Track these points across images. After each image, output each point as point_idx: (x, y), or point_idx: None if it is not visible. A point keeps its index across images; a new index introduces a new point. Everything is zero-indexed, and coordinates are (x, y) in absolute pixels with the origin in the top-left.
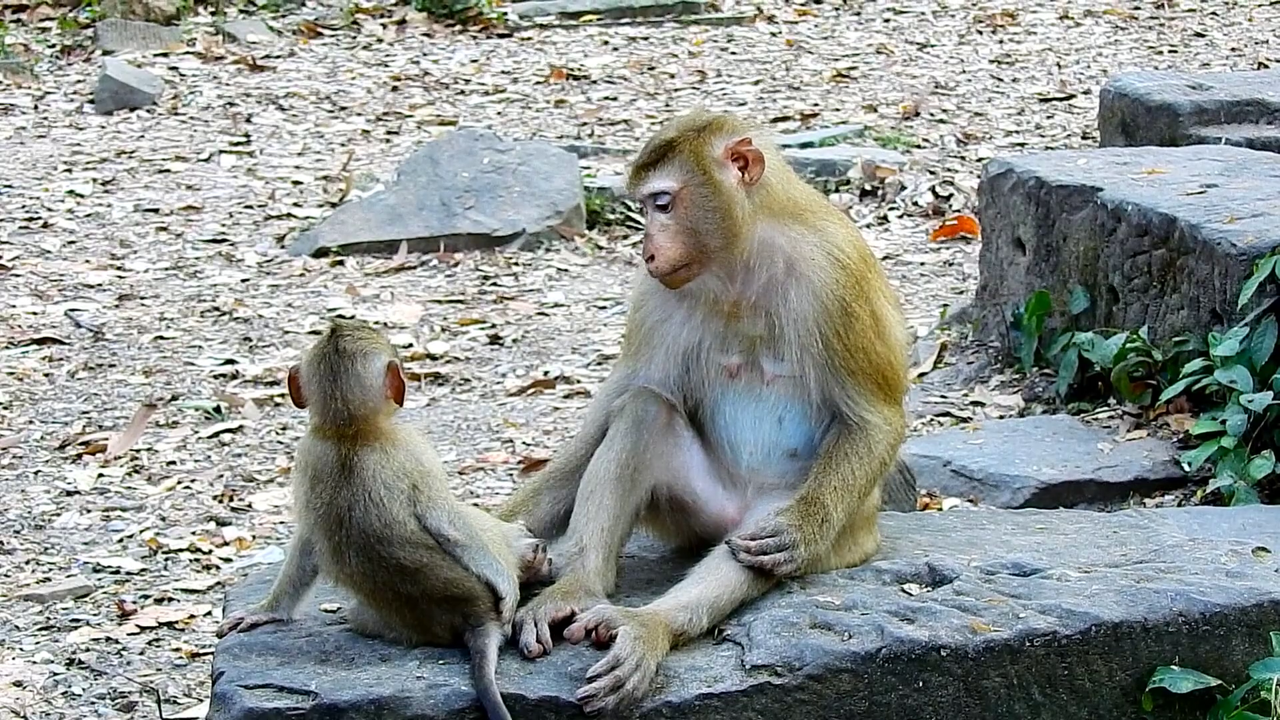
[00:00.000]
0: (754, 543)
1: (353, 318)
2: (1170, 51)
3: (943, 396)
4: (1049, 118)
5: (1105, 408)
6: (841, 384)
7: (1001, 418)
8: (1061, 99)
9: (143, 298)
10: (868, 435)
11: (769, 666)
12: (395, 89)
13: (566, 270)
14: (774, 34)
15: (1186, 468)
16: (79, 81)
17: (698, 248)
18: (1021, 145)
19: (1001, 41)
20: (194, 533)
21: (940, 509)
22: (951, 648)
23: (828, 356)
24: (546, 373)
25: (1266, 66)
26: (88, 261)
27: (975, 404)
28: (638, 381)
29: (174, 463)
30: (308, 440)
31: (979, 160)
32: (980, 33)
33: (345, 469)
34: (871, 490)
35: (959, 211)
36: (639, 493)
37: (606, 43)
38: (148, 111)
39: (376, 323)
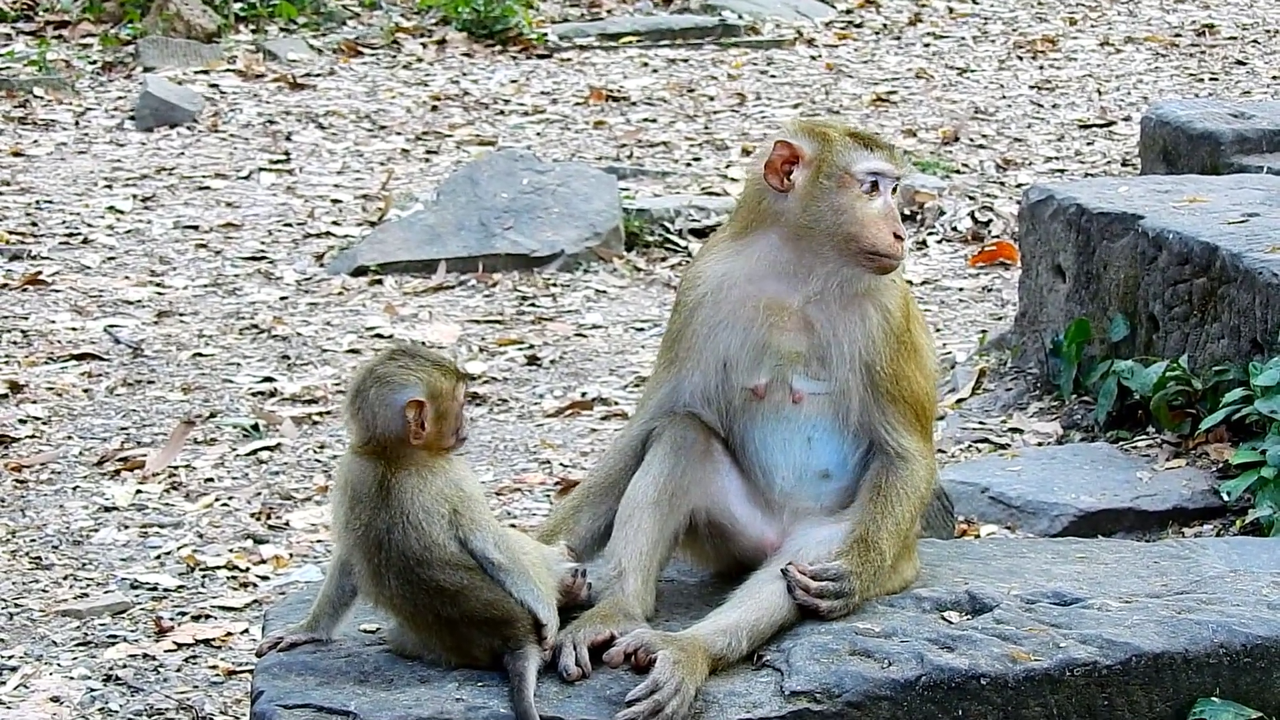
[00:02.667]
0: (815, 583)
1: (421, 343)
2: (1211, 79)
3: (981, 423)
4: (1089, 144)
5: (1144, 436)
6: (883, 410)
7: (1040, 445)
8: (1101, 126)
9: (182, 314)
10: (912, 470)
11: (808, 693)
12: (435, 108)
13: (605, 292)
14: (814, 57)
15: (1225, 497)
16: (120, 98)
17: None
18: (1061, 171)
19: (1042, 67)
20: (231, 550)
21: (978, 536)
22: (991, 676)
23: (874, 380)
24: (584, 394)
25: None
26: (127, 278)
27: (1014, 431)
28: (683, 391)
29: (212, 480)
30: (347, 458)
31: (1018, 186)
32: (1020, 58)
33: (384, 491)
34: (914, 525)
35: (998, 237)
36: (677, 517)
37: (646, 64)
38: (188, 129)
39: (414, 341)
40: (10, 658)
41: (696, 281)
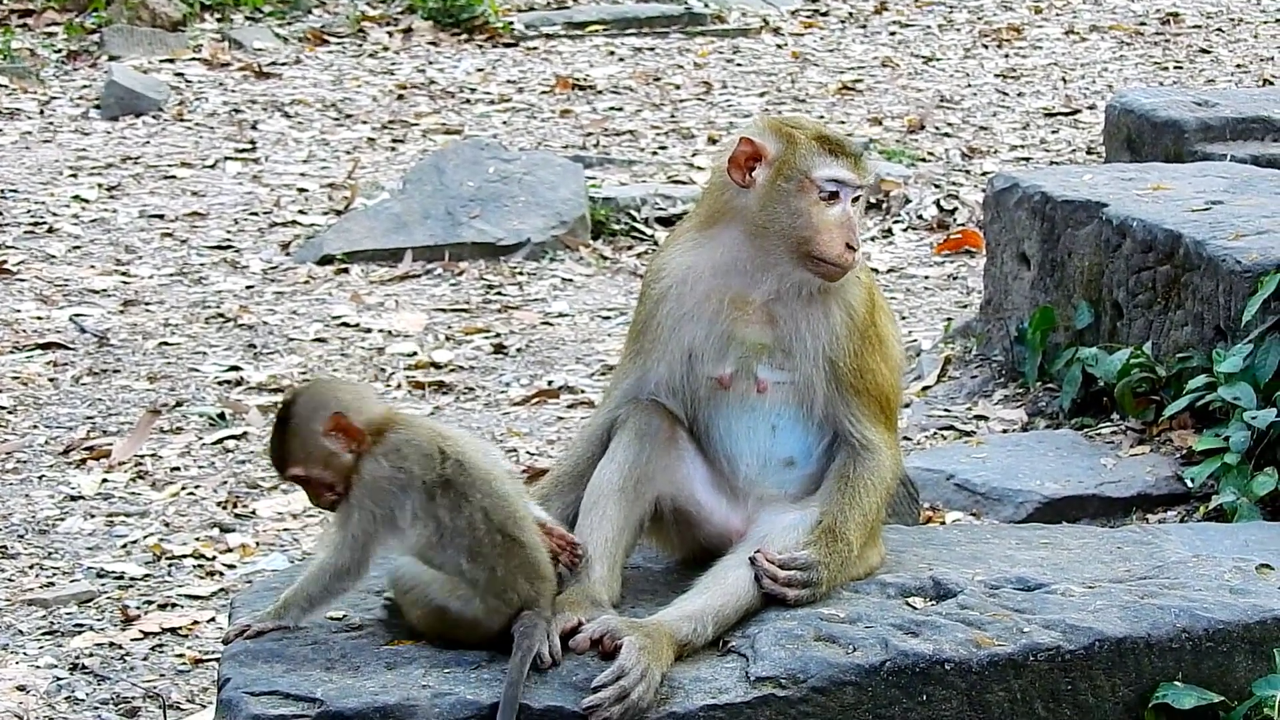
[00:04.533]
0: (783, 572)
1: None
2: (1176, 68)
3: (946, 410)
4: (1054, 133)
5: (1108, 423)
6: (847, 403)
7: (1005, 432)
8: (1066, 114)
9: (147, 304)
10: (878, 461)
11: (773, 679)
12: (401, 97)
13: (571, 280)
14: (780, 46)
15: (1189, 484)
16: (85, 87)
17: None
18: (1026, 160)
19: (1007, 56)
20: (198, 539)
21: (943, 523)
22: (955, 661)
23: (837, 374)
24: (550, 382)
25: (1272, 83)
26: (93, 267)
27: (979, 418)
28: (648, 381)
29: (178, 469)
30: None
31: (984, 174)
32: (986, 47)
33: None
34: (881, 515)
35: (963, 225)
36: (643, 504)
37: (612, 53)
38: (153, 117)
39: (381, 330)
40: None
41: (661, 274)
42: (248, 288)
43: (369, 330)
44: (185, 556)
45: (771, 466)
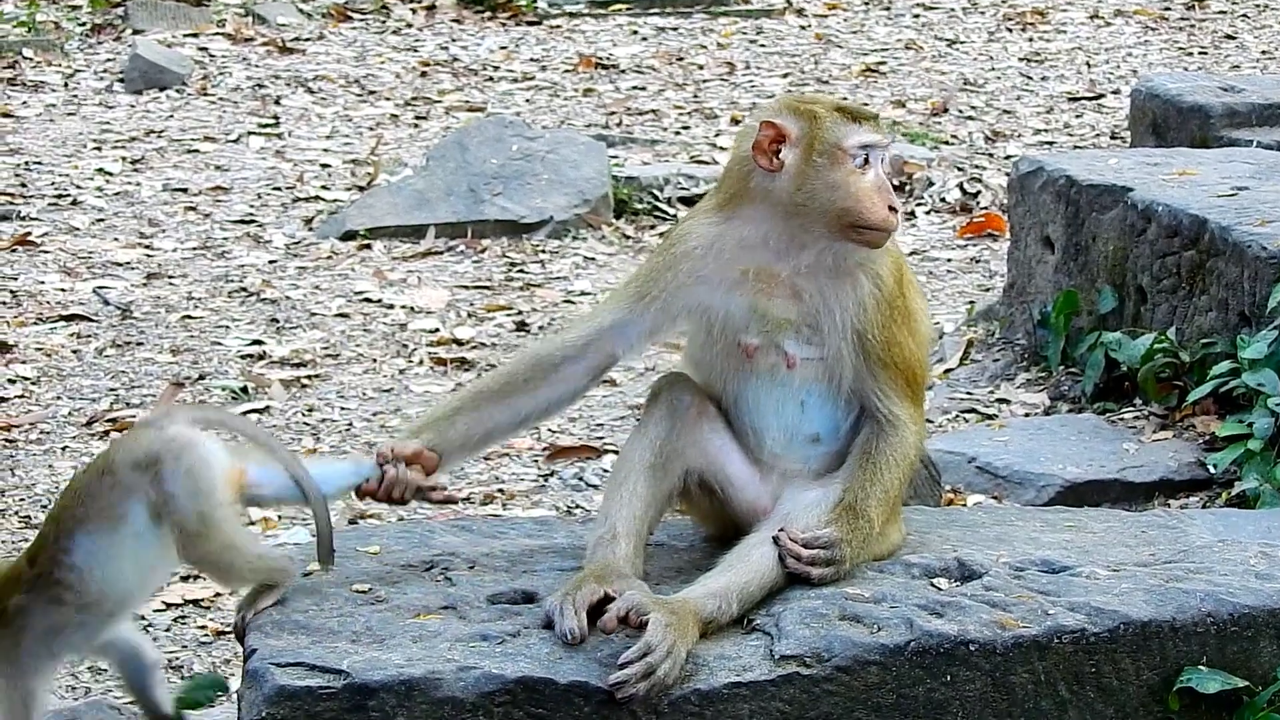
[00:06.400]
0: (806, 551)
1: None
2: (1200, 53)
3: (968, 393)
4: (1078, 117)
5: (1131, 408)
6: (875, 376)
7: (1027, 415)
8: (1090, 98)
9: (171, 277)
10: (901, 437)
11: (798, 657)
12: (424, 74)
13: (593, 259)
14: (803, 27)
15: (1212, 470)
16: (109, 60)
17: None
18: (1050, 144)
19: (1031, 39)
20: None
21: (964, 505)
22: (980, 643)
23: (865, 347)
24: None
25: None
26: (116, 240)
27: (1001, 401)
28: (634, 326)
29: None
30: None
31: (1007, 158)
32: (1010, 30)
33: None
34: (903, 492)
35: (986, 209)
36: (671, 479)
37: (635, 32)
38: (177, 91)
39: (403, 306)
40: None
41: (688, 236)
42: (270, 262)
43: (391, 306)
44: None
45: (797, 442)
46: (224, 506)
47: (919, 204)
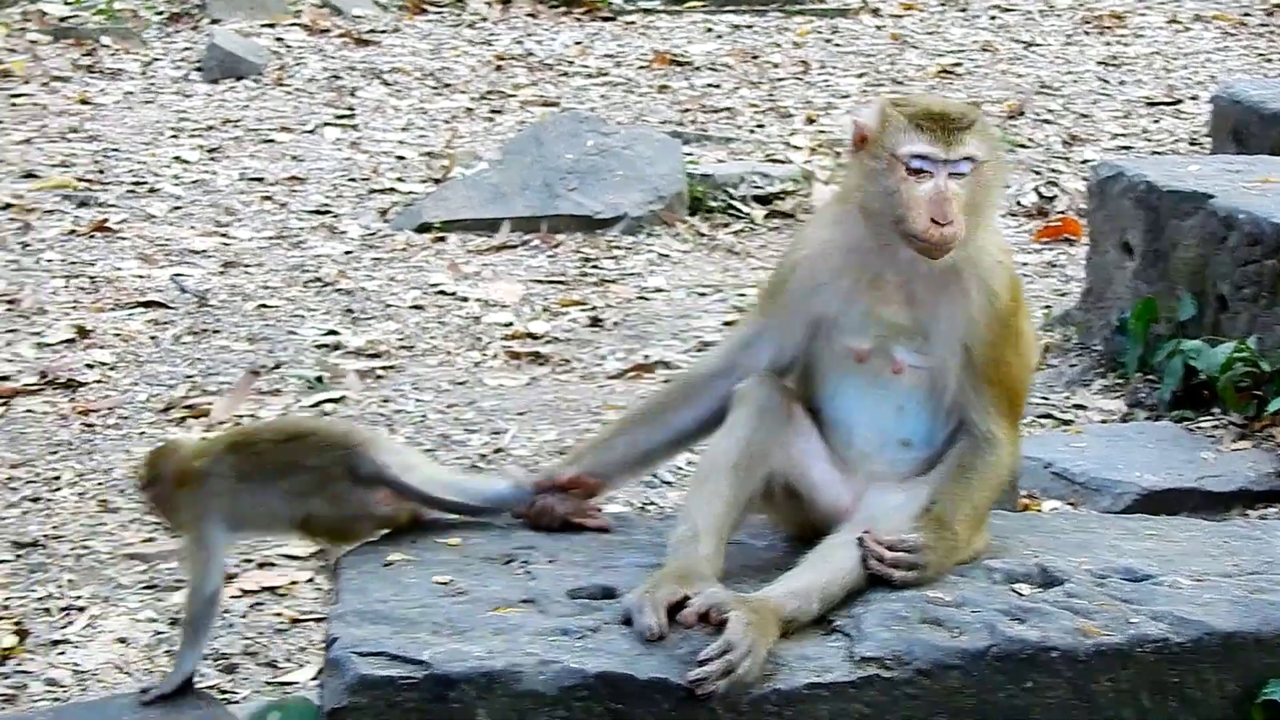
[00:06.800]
0: (890, 554)
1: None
2: None
3: (1044, 398)
4: (1155, 122)
5: (1209, 417)
6: (977, 392)
7: (1104, 422)
8: (1168, 104)
9: (247, 266)
10: (997, 455)
11: (878, 659)
12: (499, 68)
13: (668, 256)
14: (879, 27)
15: None
16: (186, 49)
17: (971, 225)
18: (1127, 149)
19: (1109, 43)
20: None
21: (1040, 510)
22: (1062, 650)
23: (972, 362)
24: (647, 357)
25: None
26: (193, 228)
27: (1077, 407)
28: (763, 341)
29: None
30: None
31: (1084, 162)
32: (1087, 34)
33: None
34: (990, 509)
35: (1063, 213)
36: (755, 481)
37: (710, 30)
38: (253, 81)
39: (477, 299)
40: (78, 599)
41: (800, 245)
42: (346, 253)
43: (465, 299)
44: None
45: (888, 446)
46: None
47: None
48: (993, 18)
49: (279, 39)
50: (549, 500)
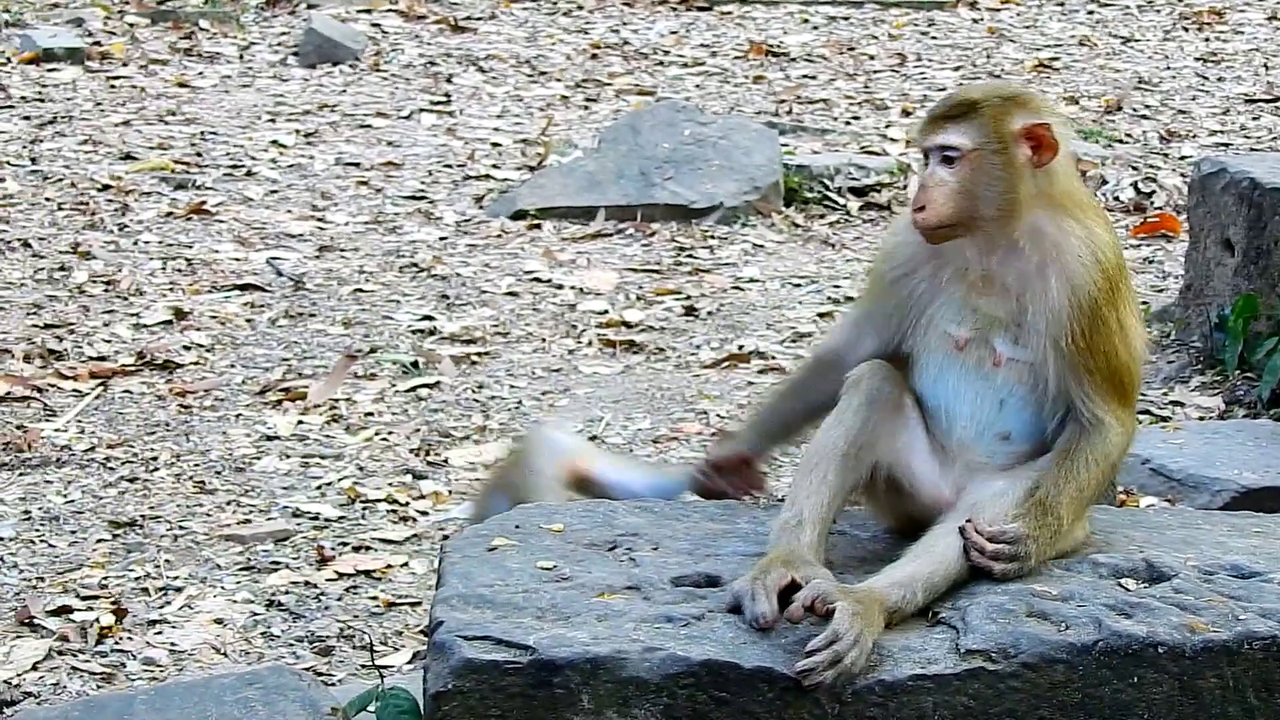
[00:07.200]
0: (991, 545)
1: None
2: None
3: (1142, 395)
4: (1254, 119)
5: None
6: (1079, 381)
7: (1202, 419)
8: (1268, 101)
9: (342, 250)
10: (1104, 437)
11: (983, 652)
12: (594, 57)
13: (762, 246)
14: (976, 20)
15: None
16: (283, 34)
17: (967, 212)
18: (1226, 145)
19: (1208, 39)
20: (391, 484)
21: (1137, 506)
22: (1169, 645)
23: (1071, 352)
24: (741, 347)
25: None
26: (289, 211)
27: (1175, 404)
28: (868, 325)
29: (372, 414)
30: None
31: (1182, 158)
32: (1186, 29)
33: None
34: (1099, 495)
35: (1161, 209)
36: (860, 470)
37: (806, 21)
38: (350, 67)
39: (572, 287)
40: (175, 579)
41: (896, 229)
42: (441, 239)
43: (560, 287)
44: (379, 501)
45: (987, 437)
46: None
47: None
48: (1090, 12)
49: (375, 25)
50: (718, 481)
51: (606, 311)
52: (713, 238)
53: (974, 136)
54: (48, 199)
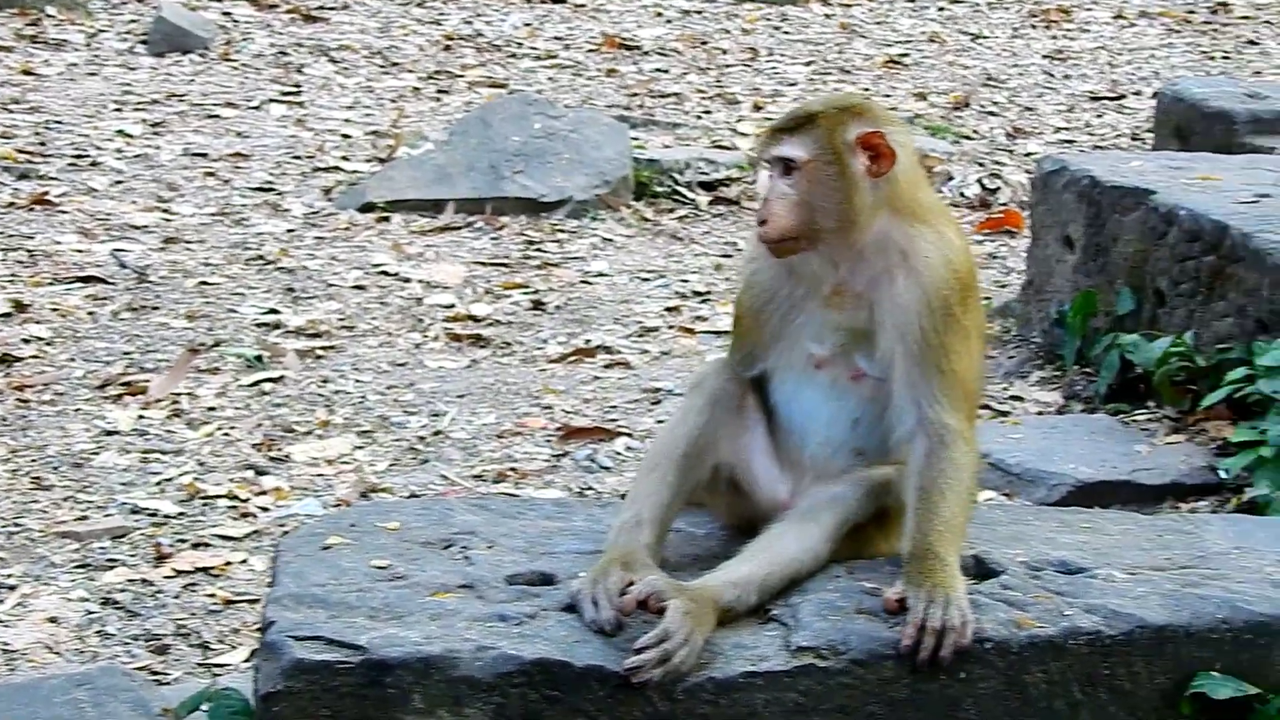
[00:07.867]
0: (931, 638)
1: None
2: (1223, 58)
3: (983, 390)
4: (1099, 116)
5: (1144, 410)
6: (928, 380)
7: (1040, 414)
8: (1112, 99)
9: (188, 242)
10: (954, 455)
11: (814, 649)
12: (447, 48)
13: (611, 240)
14: (828, 16)
15: (1223, 475)
16: (132, 21)
17: (810, 224)
18: (1070, 142)
19: (1055, 37)
20: (232, 480)
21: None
22: (996, 641)
23: (921, 349)
24: (588, 341)
25: None
26: (134, 202)
27: (1014, 399)
28: (753, 358)
29: (214, 409)
30: None
31: (1027, 155)
32: (1034, 27)
33: None
34: (968, 519)
35: (1005, 205)
36: (701, 471)
37: (660, 14)
38: (200, 56)
39: (420, 280)
40: (9, 577)
41: (750, 255)
42: (288, 231)
43: (408, 280)
44: (219, 497)
45: (842, 453)
46: None
47: (938, 198)
48: (941, 9)
49: (226, 13)
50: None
51: (454, 305)
52: (562, 231)
53: (810, 148)
54: None
